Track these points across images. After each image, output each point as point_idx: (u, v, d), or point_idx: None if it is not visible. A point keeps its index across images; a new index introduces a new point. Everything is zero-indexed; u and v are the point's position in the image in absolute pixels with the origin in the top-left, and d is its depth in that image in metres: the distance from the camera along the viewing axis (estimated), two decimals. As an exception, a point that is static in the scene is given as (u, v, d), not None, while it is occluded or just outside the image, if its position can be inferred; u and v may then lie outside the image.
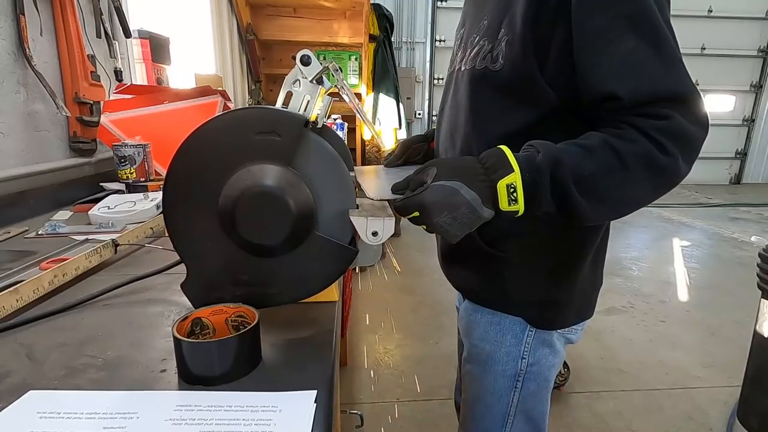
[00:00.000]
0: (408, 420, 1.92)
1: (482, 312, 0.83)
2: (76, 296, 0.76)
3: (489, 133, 0.72)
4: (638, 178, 0.60)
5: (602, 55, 0.60)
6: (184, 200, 0.63)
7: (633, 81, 0.58)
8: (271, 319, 0.67)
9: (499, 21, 0.68)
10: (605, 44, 0.59)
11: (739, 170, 8.42)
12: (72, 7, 1.51)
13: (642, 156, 0.58)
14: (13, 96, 1.33)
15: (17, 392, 0.51)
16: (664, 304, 3.10)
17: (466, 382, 0.89)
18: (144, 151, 1.54)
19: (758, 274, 1.47)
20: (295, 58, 0.68)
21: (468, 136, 0.75)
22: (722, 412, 1.98)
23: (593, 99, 0.62)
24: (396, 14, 6.53)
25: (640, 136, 0.58)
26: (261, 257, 0.65)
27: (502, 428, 0.85)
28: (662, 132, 0.58)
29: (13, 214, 1.25)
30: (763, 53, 7.79)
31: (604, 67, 0.60)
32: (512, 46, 0.66)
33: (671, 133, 0.58)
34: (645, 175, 0.59)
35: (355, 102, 0.76)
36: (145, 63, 2.25)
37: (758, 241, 4.53)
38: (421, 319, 2.82)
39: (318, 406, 0.50)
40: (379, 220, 0.63)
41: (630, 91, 0.58)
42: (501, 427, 0.85)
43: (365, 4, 3.64)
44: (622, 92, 0.58)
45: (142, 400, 0.50)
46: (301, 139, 0.63)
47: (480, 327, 0.84)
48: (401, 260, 3.80)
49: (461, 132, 0.76)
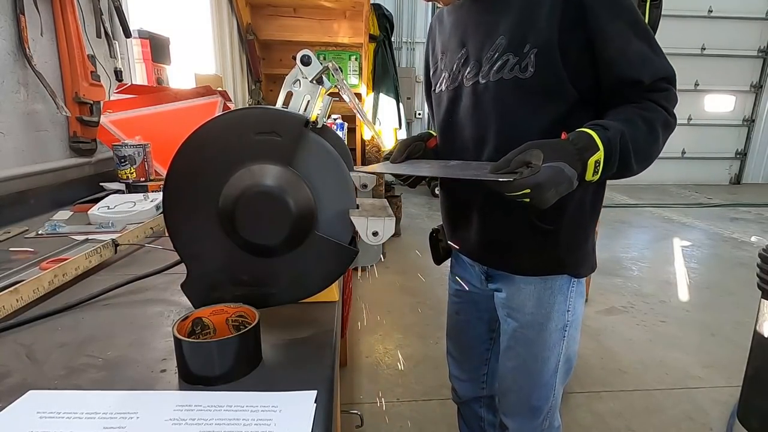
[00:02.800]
0: (408, 420, 1.92)
1: (534, 282, 0.97)
2: (76, 296, 0.76)
3: (525, 129, 0.84)
4: (659, 136, 0.80)
5: (622, 52, 0.78)
6: (184, 200, 0.63)
7: (648, 69, 0.78)
8: (271, 319, 0.67)
9: (521, 38, 0.82)
10: (623, 44, 0.77)
11: (739, 170, 8.42)
12: (72, 7, 1.51)
13: (661, 121, 0.79)
14: (13, 96, 1.33)
15: (17, 392, 0.51)
16: (664, 304, 3.10)
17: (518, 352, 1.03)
18: (144, 151, 1.54)
19: (758, 274, 1.46)
20: (295, 58, 0.68)
21: (503, 134, 0.88)
22: (722, 412, 1.97)
23: (618, 85, 0.80)
24: (396, 14, 6.54)
25: (657, 107, 0.79)
26: (261, 257, 0.65)
27: (555, 375, 1.03)
28: (667, 100, 0.81)
29: (13, 214, 1.25)
30: (763, 53, 7.79)
31: (625, 60, 0.78)
32: (540, 56, 0.80)
33: (670, 99, 0.81)
34: (663, 133, 0.80)
35: (355, 102, 0.76)
36: (145, 63, 2.25)
37: (758, 241, 4.53)
38: (421, 319, 2.82)
39: (318, 406, 0.50)
40: (380, 220, 0.63)
41: (649, 76, 0.78)
42: (555, 374, 1.03)
43: (365, 4, 3.63)
44: (644, 77, 0.78)
45: (142, 400, 0.50)
46: (301, 139, 0.63)
47: (534, 296, 0.97)
48: (401, 260, 3.80)
49: (493, 131, 0.89)
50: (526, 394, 1.05)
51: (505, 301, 1.02)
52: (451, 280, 1.22)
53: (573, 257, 0.95)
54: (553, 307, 0.97)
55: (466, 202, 0.99)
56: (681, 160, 8.21)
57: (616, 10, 0.77)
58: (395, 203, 4.39)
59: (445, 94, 0.99)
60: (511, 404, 1.09)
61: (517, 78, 0.83)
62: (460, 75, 0.93)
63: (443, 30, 1.01)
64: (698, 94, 7.90)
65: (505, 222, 0.93)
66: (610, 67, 0.79)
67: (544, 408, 1.06)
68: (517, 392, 1.06)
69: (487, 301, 1.12)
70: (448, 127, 0.99)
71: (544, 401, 1.05)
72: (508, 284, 1.00)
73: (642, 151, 0.78)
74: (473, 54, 0.90)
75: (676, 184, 8.14)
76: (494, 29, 0.86)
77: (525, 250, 0.95)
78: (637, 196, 7.01)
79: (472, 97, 0.91)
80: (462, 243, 1.05)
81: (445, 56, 0.99)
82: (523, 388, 1.05)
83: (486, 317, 1.17)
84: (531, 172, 0.67)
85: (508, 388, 1.08)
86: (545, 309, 0.97)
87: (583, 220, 0.94)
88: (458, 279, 1.17)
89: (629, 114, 0.78)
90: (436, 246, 1.17)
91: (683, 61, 7.49)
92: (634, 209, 6.20)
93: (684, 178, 8.28)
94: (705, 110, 8.00)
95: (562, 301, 0.97)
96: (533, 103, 0.84)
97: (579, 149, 0.72)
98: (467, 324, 1.21)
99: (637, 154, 0.77)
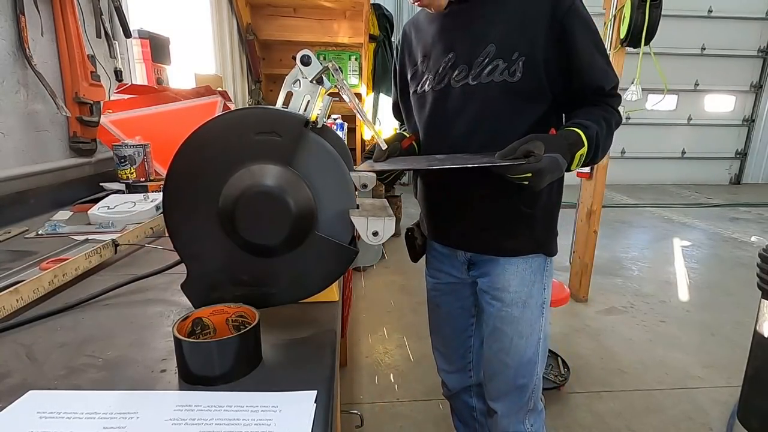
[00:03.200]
0: (408, 420, 1.92)
1: (516, 263, 1.07)
2: (76, 296, 0.76)
3: (511, 126, 0.98)
4: (612, 133, 0.98)
5: (590, 64, 0.95)
6: (184, 200, 0.63)
7: (607, 78, 0.97)
8: (271, 319, 0.67)
9: (510, 46, 0.95)
10: (590, 57, 0.95)
11: (739, 170, 8.42)
12: (72, 7, 1.51)
13: (615, 121, 0.99)
14: (13, 96, 1.33)
15: (17, 392, 0.51)
16: (664, 304, 3.10)
17: (503, 331, 1.10)
18: (144, 151, 1.54)
19: (758, 274, 1.46)
20: (295, 58, 0.68)
21: (491, 130, 1.00)
22: (722, 412, 1.98)
23: (584, 89, 0.97)
24: (396, 14, 6.53)
25: (613, 110, 1.00)
26: (261, 257, 0.65)
27: (537, 351, 1.12)
28: (618, 104, 1.02)
29: (13, 214, 1.25)
30: (763, 53, 7.79)
31: (593, 71, 0.96)
32: (527, 63, 0.94)
33: (618, 103, 1.02)
34: (614, 131, 0.99)
35: (355, 102, 0.76)
36: (145, 63, 2.25)
37: (758, 242, 4.53)
38: (421, 319, 2.80)
39: (318, 406, 0.50)
40: (380, 219, 0.63)
41: (608, 84, 0.97)
42: (537, 350, 1.12)
43: (365, 4, 3.64)
44: (605, 85, 0.97)
45: (142, 400, 0.50)
46: (301, 139, 0.63)
47: (518, 275, 1.08)
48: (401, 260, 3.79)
49: (483, 128, 1.00)
50: (513, 372, 1.12)
51: (489, 283, 1.11)
52: (428, 275, 1.30)
53: (546, 238, 1.09)
54: (534, 285, 1.08)
55: (449, 196, 1.09)
56: (681, 160, 8.22)
57: (586, 32, 0.94)
58: (395, 203, 4.39)
59: (429, 95, 1.06)
60: (498, 387, 1.16)
61: (506, 81, 0.96)
62: (446, 77, 1.02)
63: (422, 36, 1.09)
64: (698, 94, 7.90)
65: (491, 209, 1.04)
66: (580, 75, 0.95)
67: (530, 386, 1.14)
68: (503, 373, 1.13)
69: (466, 288, 1.22)
70: (434, 124, 1.08)
71: (528, 378, 1.13)
72: (491, 267, 1.10)
73: (603, 146, 0.95)
74: (462, 58, 1.00)
75: (676, 184, 8.14)
76: (483, 38, 0.97)
77: (509, 233, 1.06)
78: (637, 196, 7.01)
79: (462, 96, 1.01)
80: (448, 234, 1.14)
81: (428, 59, 1.07)
82: (509, 367, 1.12)
83: (466, 305, 1.25)
84: (536, 159, 0.79)
85: (495, 371, 1.15)
86: (527, 287, 1.08)
87: (552, 204, 1.08)
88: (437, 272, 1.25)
89: (596, 115, 0.95)
90: (412, 244, 1.24)
91: (683, 61, 7.50)
92: (634, 209, 6.21)
93: (684, 178, 8.28)
94: (705, 110, 8.01)
95: (540, 280, 1.09)
96: (518, 104, 0.97)
97: (570, 144, 0.88)
98: (449, 315, 1.28)
99: (601, 148, 0.95)
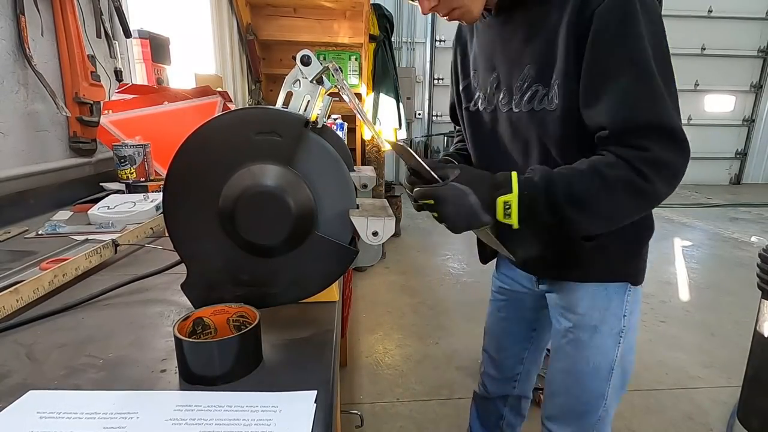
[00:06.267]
0: (408, 420, 1.92)
1: (586, 287, 0.95)
2: (76, 296, 0.76)
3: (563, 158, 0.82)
4: (619, 197, 0.73)
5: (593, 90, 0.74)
6: (184, 200, 0.63)
7: (617, 114, 0.72)
8: (271, 319, 0.67)
9: (546, 67, 0.80)
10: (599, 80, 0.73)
11: (739, 170, 8.42)
12: (72, 7, 1.51)
13: (622, 179, 0.71)
14: (13, 96, 1.33)
15: (17, 392, 0.51)
16: (664, 304, 3.10)
17: (568, 353, 1.00)
18: (144, 151, 1.54)
19: (758, 274, 1.47)
20: (295, 58, 0.68)
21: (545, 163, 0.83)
22: (722, 412, 1.97)
23: (591, 129, 0.77)
24: (396, 14, 6.52)
25: (621, 162, 0.71)
26: (261, 257, 0.65)
27: (607, 383, 0.98)
28: (644, 161, 0.71)
29: (13, 214, 1.25)
30: (763, 53, 7.79)
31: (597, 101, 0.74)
32: (562, 87, 0.78)
33: (651, 162, 0.71)
34: (625, 196, 0.73)
35: (355, 102, 0.76)
36: (145, 63, 2.25)
37: (758, 242, 4.53)
38: (421, 319, 2.82)
39: (318, 406, 0.50)
40: (380, 220, 0.63)
41: (613, 123, 0.72)
42: (606, 382, 0.98)
43: (365, 4, 3.63)
44: (606, 124, 0.73)
45: (142, 400, 0.50)
46: (301, 139, 0.63)
47: (586, 299, 0.95)
48: (401, 260, 3.80)
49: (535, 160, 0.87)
50: (574, 398, 1.01)
51: (557, 299, 1.01)
52: (496, 278, 1.20)
53: (626, 267, 0.94)
54: (608, 309, 0.94)
55: None
56: (681, 160, 8.21)
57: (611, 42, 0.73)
58: (395, 203, 4.39)
59: (484, 115, 0.97)
60: (556, 408, 1.06)
61: (545, 110, 0.82)
62: (495, 99, 0.92)
63: (474, 43, 0.98)
64: (698, 94, 7.90)
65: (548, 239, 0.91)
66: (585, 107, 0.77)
67: (593, 417, 1.01)
68: (564, 395, 1.03)
69: (533, 300, 1.11)
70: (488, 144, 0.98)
71: (592, 409, 1.00)
72: (561, 284, 0.99)
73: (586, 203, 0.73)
74: (504, 81, 0.89)
75: (676, 184, 8.14)
76: (521, 56, 0.84)
77: (572, 264, 0.93)
78: (637, 196, 7.00)
79: (509, 124, 0.90)
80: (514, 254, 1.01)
81: (477, 74, 0.97)
82: (571, 391, 1.01)
83: (528, 317, 1.16)
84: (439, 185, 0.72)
85: (556, 390, 1.05)
86: (599, 312, 0.95)
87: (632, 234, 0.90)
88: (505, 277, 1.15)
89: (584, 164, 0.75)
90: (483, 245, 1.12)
91: (683, 61, 7.49)
92: (634, 209, 6.20)
93: (684, 178, 8.25)
94: (705, 110, 8.00)
95: (618, 305, 0.95)
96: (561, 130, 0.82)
97: (492, 185, 0.75)
98: (508, 322, 1.19)
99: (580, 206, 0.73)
